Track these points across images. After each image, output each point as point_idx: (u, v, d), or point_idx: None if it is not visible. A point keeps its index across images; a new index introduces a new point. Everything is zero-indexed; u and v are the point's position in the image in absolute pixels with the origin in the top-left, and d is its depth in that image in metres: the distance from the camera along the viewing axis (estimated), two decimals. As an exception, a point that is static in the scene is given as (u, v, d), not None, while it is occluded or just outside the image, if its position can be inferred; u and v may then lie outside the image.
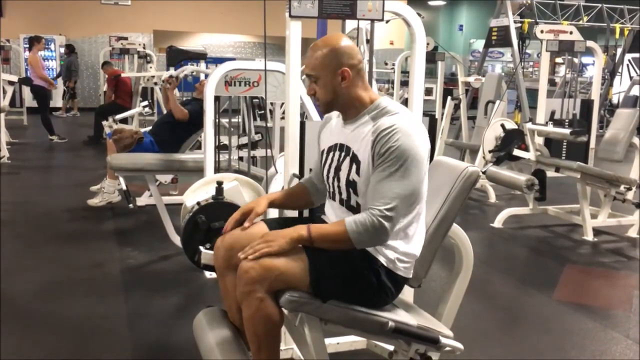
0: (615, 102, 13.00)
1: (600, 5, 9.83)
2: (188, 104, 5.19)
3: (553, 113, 5.38)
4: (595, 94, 5.99)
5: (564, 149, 5.68)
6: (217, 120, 4.33)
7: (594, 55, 6.19)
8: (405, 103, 2.60)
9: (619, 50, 11.00)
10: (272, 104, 5.68)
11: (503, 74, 10.62)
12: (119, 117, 7.34)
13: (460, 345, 1.99)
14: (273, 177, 3.12)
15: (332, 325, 1.92)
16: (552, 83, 13.07)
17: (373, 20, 2.66)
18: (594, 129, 5.79)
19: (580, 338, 3.13)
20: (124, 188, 4.66)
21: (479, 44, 17.48)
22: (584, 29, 8.18)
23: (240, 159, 5.26)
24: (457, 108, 7.49)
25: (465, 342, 2.03)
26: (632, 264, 4.43)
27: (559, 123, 5.26)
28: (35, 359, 2.73)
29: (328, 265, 1.86)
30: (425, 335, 1.93)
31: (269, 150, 3.85)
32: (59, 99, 13.54)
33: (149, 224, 4.93)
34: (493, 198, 6.30)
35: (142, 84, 9.22)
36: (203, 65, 7.27)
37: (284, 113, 2.63)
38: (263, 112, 6.58)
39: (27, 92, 10.51)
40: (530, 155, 5.27)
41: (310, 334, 1.91)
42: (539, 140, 5.37)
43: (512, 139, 5.48)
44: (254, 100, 5.64)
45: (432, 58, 7.26)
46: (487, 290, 3.75)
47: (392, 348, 2.07)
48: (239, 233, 2.05)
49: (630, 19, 10.23)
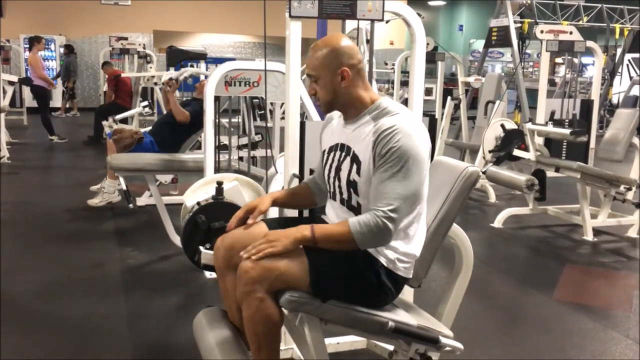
0: (615, 102, 13.01)
1: (600, 6, 9.83)
2: (188, 105, 5.19)
3: (553, 113, 5.38)
4: (595, 94, 5.99)
5: (564, 149, 5.69)
6: (217, 120, 4.33)
7: (594, 56, 6.19)
8: (405, 103, 2.60)
9: (619, 51, 11.01)
10: (272, 104, 5.68)
11: (503, 74, 10.63)
12: (119, 117, 7.34)
13: (460, 345, 1.99)
14: (273, 177, 3.12)
15: (332, 325, 1.92)
16: (552, 83, 13.08)
17: (373, 20, 2.66)
18: (594, 129, 5.79)
19: (580, 338, 3.13)
20: (124, 188, 4.66)
21: (479, 44, 17.49)
22: (584, 29, 8.18)
23: (240, 159, 5.25)
24: (457, 108, 7.49)
25: (465, 342, 2.03)
26: (632, 264, 4.43)
27: (559, 123, 5.26)
28: (35, 359, 2.73)
29: (328, 265, 1.86)
30: (425, 335, 1.93)
31: (269, 150, 3.86)
32: (59, 100, 13.54)
33: (149, 224, 4.93)
34: (493, 198, 6.30)
35: (142, 84, 9.22)
36: (203, 65, 7.27)
37: (284, 113, 2.63)
38: (263, 112, 6.58)
39: (27, 92, 10.51)
40: (530, 155, 5.27)
41: (310, 334, 1.91)
42: (539, 140, 5.37)
43: (512, 139, 5.48)
44: (254, 100, 5.64)
45: (432, 58, 7.26)
46: (487, 290, 3.75)
47: (392, 348, 2.07)
48: (239, 233, 2.06)
49: (630, 19, 10.23)
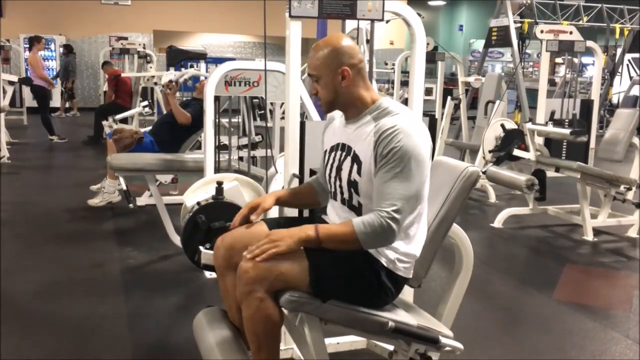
0: (615, 102, 13.01)
1: (600, 5, 9.83)
2: (188, 105, 5.18)
3: (553, 113, 5.38)
4: (595, 94, 6.00)
5: (564, 149, 5.69)
6: (217, 120, 4.33)
7: (594, 55, 6.19)
8: (405, 103, 2.60)
9: (619, 50, 11.01)
10: (272, 104, 5.68)
11: (503, 74, 10.62)
12: (119, 117, 7.35)
13: (460, 345, 1.99)
14: (273, 177, 3.12)
15: (332, 325, 1.92)
16: (552, 83, 13.08)
17: (373, 20, 2.66)
18: (594, 129, 5.79)
19: (580, 338, 3.13)
20: (124, 188, 4.66)
21: (479, 44, 17.48)
22: (584, 29, 8.18)
23: (240, 159, 5.26)
24: (457, 108, 7.49)
25: (465, 342, 2.03)
26: (632, 264, 4.43)
27: (559, 123, 5.26)
28: (35, 359, 2.73)
29: (328, 266, 1.86)
30: (425, 335, 1.93)
31: (269, 150, 3.86)
32: (58, 100, 13.54)
33: (149, 224, 4.93)
34: (493, 198, 6.30)
35: (142, 84, 9.22)
36: (203, 65, 7.27)
37: (284, 113, 2.63)
38: (263, 112, 6.58)
39: (27, 92, 10.51)
40: (530, 155, 5.27)
41: (310, 334, 1.91)
42: (539, 140, 5.37)
43: (512, 139, 5.48)
44: (254, 100, 5.64)
45: (432, 58, 7.26)
46: (487, 290, 3.75)
47: (392, 348, 2.07)
48: (239, 232, 2.07)
49: (630, 19, 10.24)
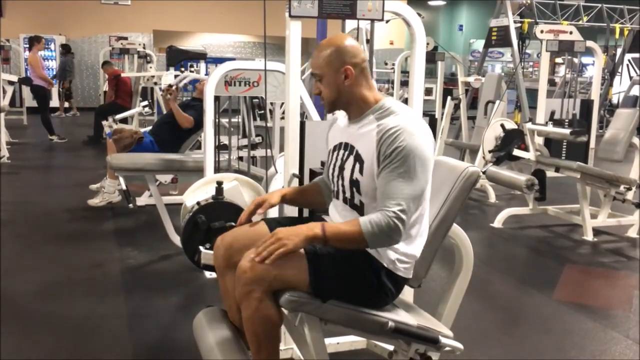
0: (615, 102, 13.01)
1: (600, 5, 9.83)
2: (188, 106, 5.18)
3: (553, 113, 5.38)
4: (595, 94, 5.99)
5: (564, 149, 5.69)
6: (217, 120, 4.33)
7: (594, 55, 6.19)
8: (405, 103, 2.59)
9: (619, 50, 11.01)
10: (272, 104, 5.68)
11: (503, 74, 10.62)
12: (119, 117, 7.34)
13: (460, 345, 1.99)
14: (273, 177, 3.12)
15: (332, 325, 1.92)
16: (552, 83, 13.08)
17: (373, 20, 2.66)
18: (594, 129, 5.79)
19: (580, 338, 3.13)
20: (124, 188, 4.66)
21: (479, 44, 17.49)
22: (584, 29, 8.18)
23: (240, 159, 5.26)
24: (457, 108, 7.49)
25: (465, 342, 2.03)
26: (632, 264, 4.43)
27: (559, 123, 5.26)
28: (35, 359, 2.73)
29: (328, 266, 1.86)
30: (425, 335, 1.93)
31: (269, 150, 3.86)
32: (58, 100, 13.54)
33: (149, 224, 4.93)
34: (493, 198, 6.30)
35: (142, 84, 9.22)
36: (203, 65, 7.28)
37: (284, 113, 2.63)
38: (263, 112, 6.58)
39: (27, 92, 10.51)
40: (530, 155, 5.27)
41: (310, 334, 1.91)
42: (539, 140, 5.37)
43: (512, 139, 5.48)
44: (254, 100, 5.64)
45: (432, 58, 7.26)
46: (487, 290, 3.75)
47: (392, 348, 2.06)
48: (239, 232, 2.07)
49: (630, 19, 10.24)
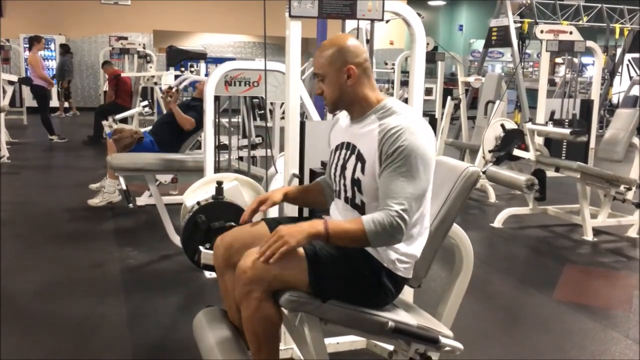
0: (615, 102, 13.01)
1: (600, 5, 9.83)
2: (189, 107, 5.18)
3: (553, 113, 5.38)
4: (595, 94, 5.99)
5: (564, 149, 5.69)
6: (217, 120, 4.33)
7: (594, 55, 6.19)
8: (405, 103, 2.60)
9: (619, 50, 11.01)
10: (272, 104, 5.68)
11: (503, 74, 10.62)
12: (119, 116, 7.34)
13: (460, 345, 1.99)
14: (273, 177, 3.12)
15: (332, 325, 1.92)
16: (552, 83, 13.08)
17: (373, 20, 2.66)
18: (594, 129, 5.79)
19: (580, 338, 3.13)
20: (124, 188, 4.66)
21: (479, 44, 17.48)
22: (584, 29, 8.18)
23: (240, 159, 5.26)
24: (457, 108, 7.49)
25: (465, 342, 2.03)
26: (632, 264, 4.43)
27: (559, 123, 5.26)
28: (35, 359, 2.73)
29: (328, 266, 1.86)
30: (425, 335, 1.93)
31: (269, 150, 3.86)
32: (57, 100, 13.54)
33: (149, 224, 4.93)
34: (493, 198, 6.30)
35: (142, 84, 9.22)
36: (203, 65, 7.28)
37: (284, 113, 2.63)
38: (263, 112, 6.58)
39: (27, 92, 10.51)
40: (530, 155, 5.27)
41: (310, 334, 1.91)
42: (539, 140, 5.37)
43: (512, 139, 5.48)
44: (254, 100, 5.64)
45: (432, 58, 7.26)
46: (487, 290, 3.75)
47: (392, 348, 2.06)
48: (239, 232, 2.07)
49: (630, 19, 10.24)
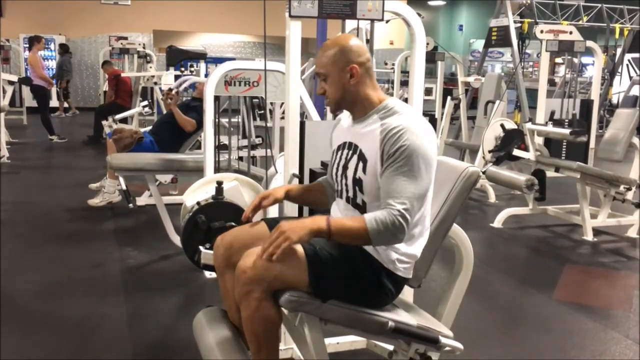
0: (615, 102, 13.01)
1: (600, 5, 9.83)
2: (189, 107, 5.17)
3: (553, 113, 5.38)
4: (595, 94, 5.99)
5: (564, 149, 5.69)
6: (217, 120, 4.33)
7: (594, 55, 6.19)
8: (405, 103, 2.60)
9: (619, 50, 11.01)
10: (272, 104, 5.68)
11: (503, 74, 10.62)
12: (119, 116, 7.34)
13: (460, 345, 1.99)
14: (273, 177, 3.12)
15: (332, 325, 1.92)
16: (551, 83, 13.08)
17: (373, 20, 2.66)
18: (594, 129, 5.79)
19: (580, 338, 3.13)
20: (124, 188, 4.66)
21: (479, 44, 17.48)
22: (584, 29, 8.19)
23: (240, 159, 5.26)
24: (456, 108, 7.49)
25: (465, 342, 2.03)
26: (632, 264, 4.43)
27: (559, 123, 5.26)
28: (35, 359, 2.73)
29: (327, 266, 1.86)
30: (425, 335, 1.93)
31: (269, 150, 3.86)
32: (57, 100, 13.54)
33: (149, 224, 4.93)
34: (493, 198, 6.30)
35: (142, 84, 9.22)
36: (203, 65, 7.27)
37: (284, 113, 2.63)
38: (263, 112, 6.58)
39: (27, 91, 10.51)
40: (530, 155, 5.27)
41: (310, 334, 1.91)
42: (539, 140, 5.37)
43: (511, 139, 5.48)
44: (254, 100, 5.64)
45: (432, 58, 7.26)
46: (487, 290, 3.75)
47: (392, 348, 2.06)
48: (239, 231, 2.08)
49: (630, 19, 10.24)
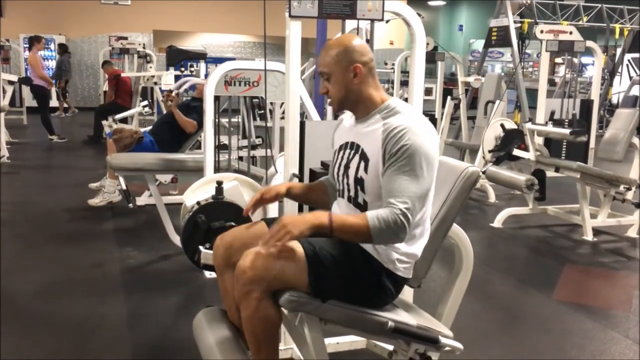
0: (615, 102, 13.01)
1: (600, 6, 9.83)
2: (190, 108, 5.17)
3: (553, 113, 5.38)
4: (595, 94, 5.99)
5: (564, 149, 5.69)
6: (217, 120, 4.34)
7: (594, 55, 6.19)
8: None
9: (619, 50, 11.01)
10: (272, 104, 5.68)
11: (503, 74, 10.62)
12: (119, 116, 7.34)
13: (460, 345, 1.99)
14: (273, 176, 3.12)
15: (332, 325, 1.92)
16: (551, 83, 13.08)
17: (373, 20, 2.66)
18: (594, 129, 5.79)
19: (580, 338, 3.13)
20: (124, 188, 4.66)
21: (479, 44, 17.48)
22: (584, 29, 8.19)
23: (240, 159, 5.26)
24: (456, 108, 7.49)
25: (465, 342, 2.03)
26: (632, 264, 4.43)
27: (559, 123, 5.26)
28: (35, 359, 2.73)
29: (328, 266, 1.86)
30: (425, 335, 1.93)
31: (269, 150, 3.86)
32: (57, 100, 13.54)
33: (149, 224, 4.93)
34: (493, 198, 6.30)
35: (142, 84, 9.22)
36: (203, 65, 7.28)
37: (284, 113, 2.64)
38: (263, 112, 6.58)
39: (27, 91, 10.51)
40: (530, 155, 5.27)
41: (310, 334, 1.91)
42: (539, 140, 5.37)
43: (511, 139, 5.48)
44: (254, 100, 5.64)
45: (432, 58, 7.26)
46: (487, 290, 3.75)
47: (391, 348, 2.07)
48: (239, 231, 2.08)
49: (630, 19, 10.24)
